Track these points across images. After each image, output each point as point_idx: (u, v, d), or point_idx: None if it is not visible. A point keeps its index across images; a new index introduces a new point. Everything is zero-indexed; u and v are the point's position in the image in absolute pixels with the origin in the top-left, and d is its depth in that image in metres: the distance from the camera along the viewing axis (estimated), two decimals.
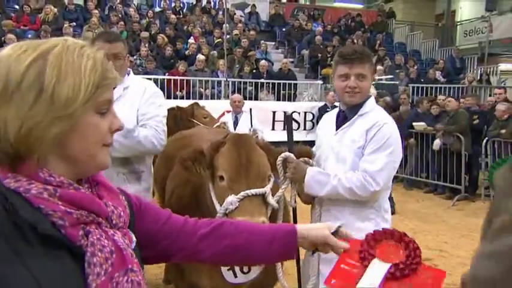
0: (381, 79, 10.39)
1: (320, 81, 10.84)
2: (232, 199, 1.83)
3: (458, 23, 17.77)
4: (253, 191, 1.85)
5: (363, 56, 2.05)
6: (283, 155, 2.00)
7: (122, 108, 2.39)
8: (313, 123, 9.23)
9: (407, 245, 1.06)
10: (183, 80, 9.29)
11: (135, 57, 9.99)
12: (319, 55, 12.61)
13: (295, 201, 2.24)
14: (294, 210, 2.28)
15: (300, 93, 10.55)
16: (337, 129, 2.17)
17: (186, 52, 11.10)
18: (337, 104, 9.08)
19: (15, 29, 9.87)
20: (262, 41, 12.78)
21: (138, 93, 2.50)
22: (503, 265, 0.61)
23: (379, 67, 11.05)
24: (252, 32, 13.01)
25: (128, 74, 2.58)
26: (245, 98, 7.01)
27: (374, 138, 2.01)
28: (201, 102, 6.37)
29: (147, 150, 2.46)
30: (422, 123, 7.76)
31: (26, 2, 11.29)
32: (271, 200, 1.93)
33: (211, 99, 9.22)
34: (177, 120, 5.23)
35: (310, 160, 2.13)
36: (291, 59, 13.17)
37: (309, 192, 2.12)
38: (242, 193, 1.84)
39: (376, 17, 16.83)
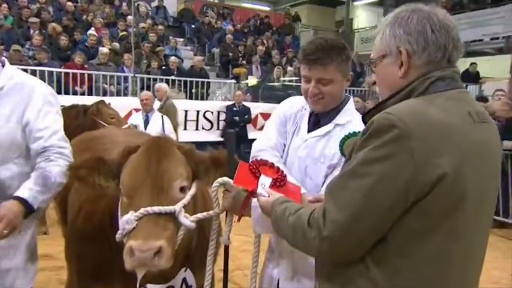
0: (291, 80, 10.61)
1: (233, 81, 10.68)
2: (129, 217, 1.50)
3: (356, 31, 19.10)
4: (155, 209, 1.51)
5: (325, 56, 1.69)
6: (220, 180, 1.64)
7: None
8: (226, 122, 9.04)
9: (277, 169, 1.63)
10: (84, 74, 8.38)
11: (27, 46, 8.80)
12: (230, 54, 12.47)
13: (228, 238, 1.79)
14: (226, 249, 1.88)
15: (213, 92, 10.27)
16: (308, 131, 1.83)
17: (86, 44, 10.10)
18: (245, 103, 9.13)
19: None
20: (171, 37, 12.23)
21: (21, 97, 1.86)
22: None
23: (289, 68, 11.29)
24: (160, 27, 12.37)
25: (3, 66, 1.91)
26: (154, 96, 6.49)
27: None
28: (106, 99, 5.72)
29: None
30: None
31: None
32: (184, 219, 1.57)
33: (117, 95, 8.45)
34: (79, 120, 4.62)
35: None
36: (201, 57, 12.81)
37: (258, 232, 1.73)
38: (141, 210, 1.50)
39: (283, 19, 17.27)
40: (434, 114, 1.08)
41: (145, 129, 5.50)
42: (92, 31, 10.84)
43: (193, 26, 14.48)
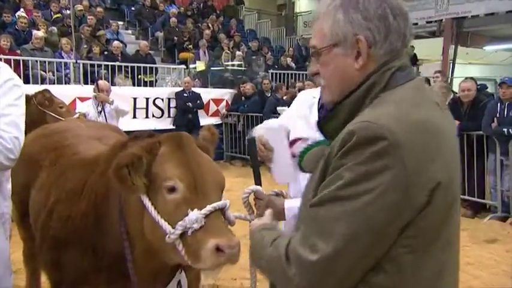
0: (240, 65, 10.51)
1: (183, 66, 10.34)
2: (196, 216, 1.42)
3: (298, 14, 19.25)
4: (221, 204, 1.49)
5: None
6: (249, 189, 1.63)
7: None
8: (177, 110, 8.75)
9: None
10: (18, 60, 7.65)
11: None
12: (175, 38, 12.05)
13: None
14: None
15: (162, 79, 9.88)
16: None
17: (16, 27, 9.23)
18: (195, 89, 8.90)
19: None
20: (112, 20, 11.54)
21: None
22: None
23: (238, 52, 11.15)
24: (99, 9, 11.61)
25: None
26: None
27: None
28: (46, 88, 5.23)
29: None
30: (285, 108, 8.08)
31: None
32: (231, 215, 1.57)
33: (57, 83, 7.84)
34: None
35: (283, 191, 1.72)
36: (144, 41, 12.25)
37: None
38: (208, 207, 1.44)
39: (226, 2, 16.96)
40: (414, 114, 0.96)
41: (104, 119, 5.16)
42: (21, 13, 9.93)
43: (133, 9, 13.76)
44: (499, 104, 5.44)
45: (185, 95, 8.57)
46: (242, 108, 8.88)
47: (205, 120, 8.65)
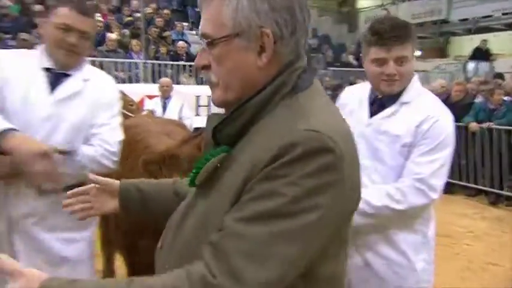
0: None
1: None
2: None
3: (360, 10, 18.78)
4: None
5: (403, 33, 1.64)
6: None
7: (79, 107, 1.86)
8: None
9: None
10: (94, 61, 8.29)
11: (35, 34, 8.68)
12: None
13: None
14: None
15: None
16: (371, 116, 1.74)
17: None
18: None
19: None
20: (177, 21, 12.08)
21: (97, 93, 1.91)
22: None
23: None
24: (166, 11, 12.21)
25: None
26: None
27: (427, 135, 1.63)
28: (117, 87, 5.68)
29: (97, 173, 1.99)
30: None
31: None
32: None
33: (129, 82, 8.39)
34: None
35: None
36: None
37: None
38: None
39: None
40: (340, 123, 0.90)
41: (164, 114, 5.49)
42: (98, 17, 10.71)
43: (196, 10, 14.17)
44: None
45: None
46: None
47: None
